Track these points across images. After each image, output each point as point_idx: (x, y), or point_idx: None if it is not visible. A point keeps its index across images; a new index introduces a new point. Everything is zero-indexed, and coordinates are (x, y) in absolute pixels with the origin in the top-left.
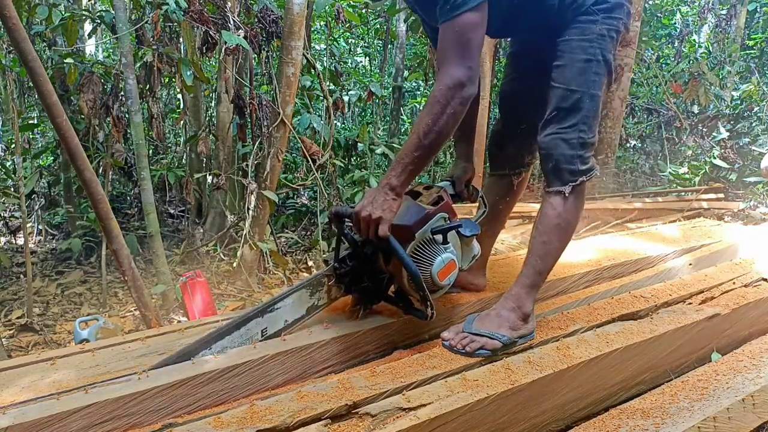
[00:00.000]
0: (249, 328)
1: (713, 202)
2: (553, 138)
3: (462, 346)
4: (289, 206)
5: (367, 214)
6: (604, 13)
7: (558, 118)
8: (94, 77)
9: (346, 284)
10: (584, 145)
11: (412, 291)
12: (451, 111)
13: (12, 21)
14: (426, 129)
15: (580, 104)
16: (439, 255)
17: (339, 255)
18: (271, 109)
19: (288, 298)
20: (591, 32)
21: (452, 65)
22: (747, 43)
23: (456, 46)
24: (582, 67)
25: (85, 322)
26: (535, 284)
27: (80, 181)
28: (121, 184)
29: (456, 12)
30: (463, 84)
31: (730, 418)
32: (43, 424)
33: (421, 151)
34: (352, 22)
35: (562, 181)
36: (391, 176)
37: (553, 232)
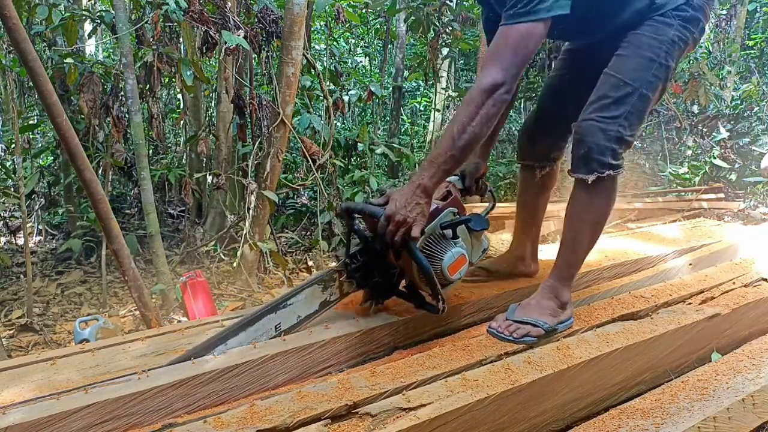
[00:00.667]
0: (263, 324)
1: (713, 202)
2: (591, 124)
3: (509, 333)
4: (289, 206)
5: (401, 218)
6: (681, 21)
7: (602, 105)
8: (94, 77)
9: (358, 279)
10: (620, 141)
11: (423, 285)
12: (485, 112)
13: (12, 21)
14: (461, 129)
15: (628, 99)
16: (449, 250)
17: (350, 250)
18: (271, 109)
19: (301, 293)
20: (664, 34)
21: (496, 68)
22: (747, 43)
23: (508, 51)
24: (644, 63)
25: (85, 322)
26: (569, 275)
27: (80, 181)
28: (121, 184)
29: (520, 19)
30: (499, 86)
31: (730, 418)
32: (43, 424)
33: (454, 151)
34: (352, 22)
35: (588, 169)
36: (423, 177)
37: (582, 226)
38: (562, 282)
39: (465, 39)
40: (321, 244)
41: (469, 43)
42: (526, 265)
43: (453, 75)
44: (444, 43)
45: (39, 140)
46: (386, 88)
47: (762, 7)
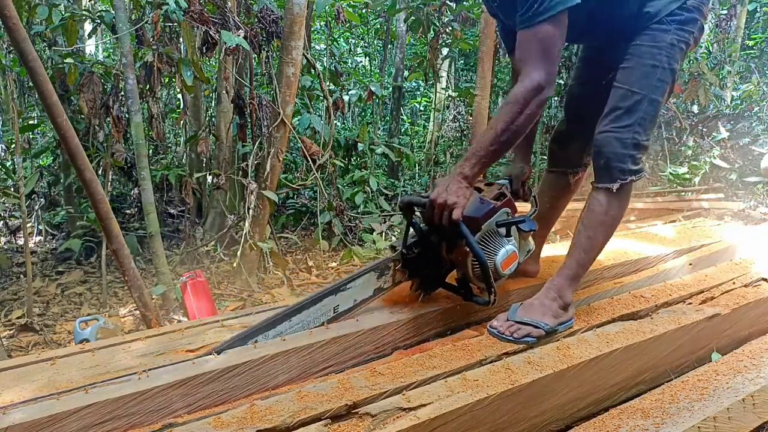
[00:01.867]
0: (324, 304)
1: (713, 202)
2: (607, 135)
3: (510, 333)
4: (289, 206)
5: (443, 201)
6: (677, 24)
7: (615, 116)
8: (94, 77)
9: (411, 270)
10: (637, 146)
11: (475, 279)
12: (529, 112)
13: (12, 21)
14: (504, 127)
15: (638, 106)
16: (503, 246)
17: (407, 242)
18: (271, 109)
19: (359, 279)
20: (662, 40)
21: (534, 69)
22: (747, 43)
23: (537, 50)
24: (647, 71)
25: (85, 322)
26: (576, 276)
27: (80, 181)
28: (121, 184)
29: (536, 20)
30: (543, 87)
31: (730, 418)
32: (43, 424)
33: (496, 146)
34: (352, 22)
35: (611, 178)
36: (465, 166)
37: (599, 228)
38: (569, 282)
39: (465, 39)
40: (321, 244)
41: (469, 43)
42: (528, 265)
43: (453, 75)
44: (444, 43)
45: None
46: (386, 88)
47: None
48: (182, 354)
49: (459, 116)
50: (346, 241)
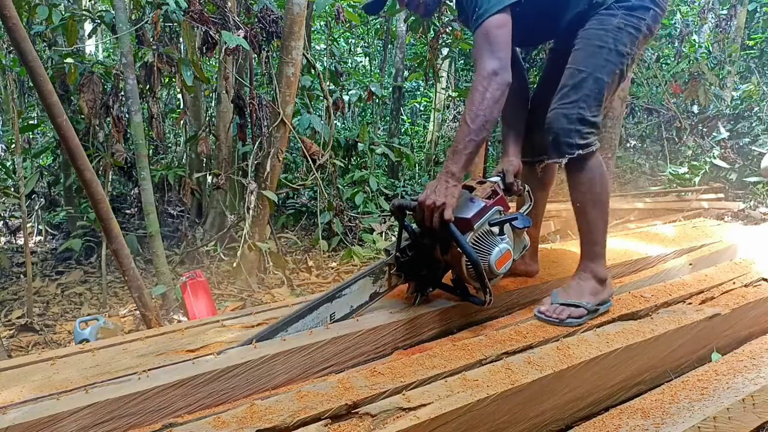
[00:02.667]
0: (320, 313)
1: (713, 202)
2: (555, 112)
3: (555, 315)
4: (289, 206)
5: (432, 202)
6: (624, 10)
7: (562, 94)
8: (94, 77)
9: (406, 273)
10: (582, 121)
11: (470, 279)
12: (490, 95)
13: (12, 21)
14: (472, 114)
15: (584, 83)
16: (496, 245)
17: (400, 245)
18: (271, 109)
19: (354, 284)
20: (609, 23)
21: (484, 59)
22: (747, 43)
23: (485, 44)
24: (593, 51)
25: (85, 322)
26: (597, 253)
27: (80, 181)
28: (121, 184)
29: (481, 20)
30: (496, 72)
31: (730, 418)
32: (43, 424)
33: (472, 135)
34: (352, 22)
35: (559, 152)
36: (449, 164)
37: (588, 209)
38: (594, 261)
39: (465, 39)
40: (321, 244)
41: (469, 43)
42: (526, 265)
43: (453, 75)
44: (444, 43)
45: (39, 140)
46: (386, 88)
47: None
48: (182, 354)
49: (459, 116)
50: (346, 241)
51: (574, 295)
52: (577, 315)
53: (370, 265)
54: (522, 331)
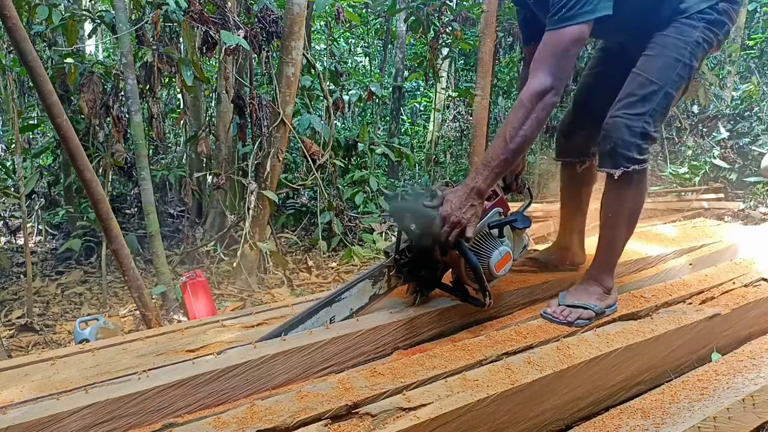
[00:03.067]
0: (320, 317)
1: (713, 202)
2: (617, 121)
3: (564, 317)
4: (289, 206)
5: (457, 220)
6: (705, 23)
7: (629, 103)
8: (94, 77)
9: (405, 274)
10: (645, 136)
11: (469, 281)
12: (536, 116)
13: (12, 21)
14: (512, 133)
15: (654, 96)
16: (496, 248)
17: (399, 247)
18: (271, 109)
19: (353, 287)
20: (689, 36)
21: (544, 73)
22: (747, 43)
23: (552, 55)
24: (669, 63)
25: (85, 322)
26: (609, 263)
27: (80, 181)
28: (121, 184)
29: (563, 24)
30: (548, 91)
31: (730, 418)
32: (43, 424)
33: (507, 154)
34: (352, 22)
35: (614, 164)
36: (478, 180)
37: (619, 223)
38: (604, 270)
39: (465, 39)
40: (321, 244)
41: (469, 43)
42: (573, 256)
43: (453, 75)
44: (444, 43)
45: (39, 140)
46: (386, 88)
47: (762, 7)
48: (182, 354)
49: (459, 116)
50: (346, 241)
51: (582, 297)
52: (586, 317)
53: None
54: (522, 331)
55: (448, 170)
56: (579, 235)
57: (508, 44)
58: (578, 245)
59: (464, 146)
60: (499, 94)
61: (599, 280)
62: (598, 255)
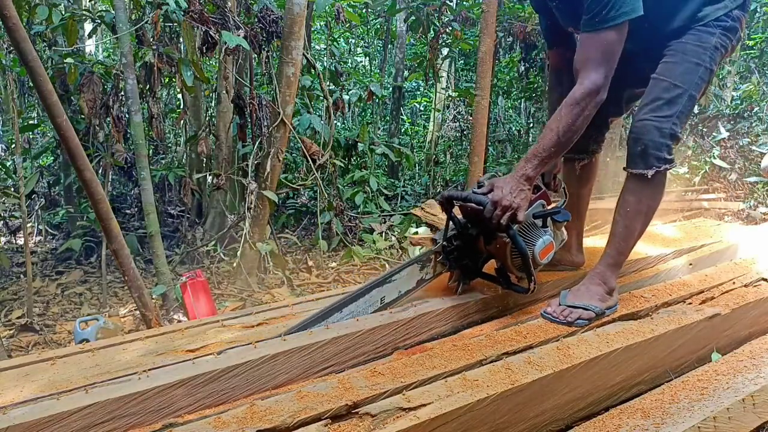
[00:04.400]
0: (372, 296)
1: (713, 202)
2: (646, 124)
3: (563, 317)
4: (289, 206)
5: (508, 203)
6: (721, 30)
7: (656, 106)
8: (94, 77)
9: (450, 261)
10: (673, 137)
11: (514, 268)
12: (587, 113)
13: (12, 21)
14: (566, 128)
15: (679, 99)
16: (540, 237)
17: (447, 235)
18: (271, 109)
19: (403, 271)
20: (707, 42)
21: (594, 71)
22: (747, 43)
23: (599, 55)
24: (691, 68)
25: (85, 322)
26: (617, 263)
27: (80, 181)
28: (121, 184)
29: (604, 25)
30: (599, 89)
31: (730, 418)
32: (43, 424)
33: (557, 147)
34: (352, 22)
35: (646, 164)
36: (527, 168)
37: (635, 217)
38: (610, 269)
39: (465, 39)
40: (321, 244)
41: (469, 43)
42: (572, 256)
43: (453, 75)
44: (444, 43)
45: (39, 140)
46: (386, 88)
47: (762, 7)
48: (182, 354)
49: (459, 116)
50: (346, 241)
51: (583, 298)
52: (586, 317)
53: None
54: (522, 331)
55: (448, 170)
56: (578, 236)
57: (508, 44)
58: (577, 246)
59: (464, 146)
60: (499, 94)
61: (604, 279)
62: (609, 252)
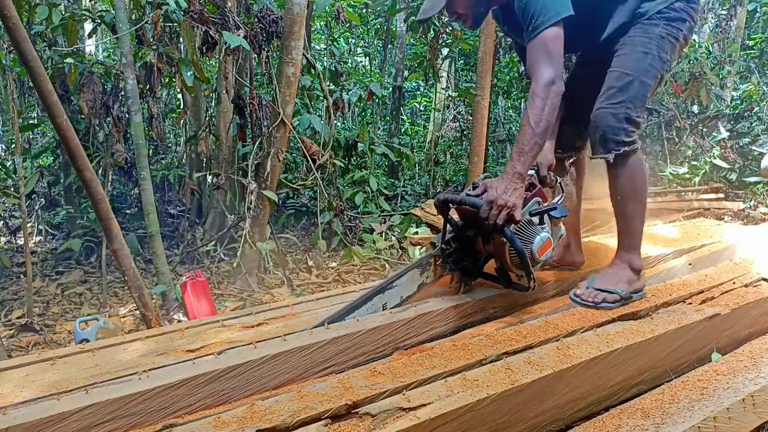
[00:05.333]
0: (374, 303)
1: (713, 202)
2: (602, 111)
3: (591, 299)
4: (289, 206)
5: (503, 203)
6: (665, 20)
7: (610, 94)
8: (94, 77)
9: (450, 264)
10: (629, 120)
11: (513, 267)
12: (550, 102)
13: (12, 21)
14: (536, 119)
15: (631, 86)
16: (538, 234)
17: (445, 237)
18: (271, 109)
19: (403, 276)
20: (652, 32)
21: (542, 68)
22: (747, 43)
23: (542, 54)
24: (639, 56)
25: (85, 322)
26: (633, 244)
27: (80, 181)
28: (121, 184)
29: (537, 31)
30: (554, 80)
31: (730, 418)
32: (43, 424)
33: (536, 138)
34: (352, 22)
35: (606, 149)
36: (516, 165)
37: (627, 202)
38: (630, 251)
39: (465, 39)
40: (321, 244)
41: (469, 43)
42: (572, 255)
43: (453, 75)
44: (444, 43)
45: (39, 140)
46: (386, 88)
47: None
48: (182, 354)
49: (459, 116)
50: (346, 241)
51: (610, 282)
52: (611, 300)
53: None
54: (522, 331)
55: (448, 170)
56: (575, 235)
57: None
58: (576, 245)
59: (464, 146)
60: (499, 94)
61: (627, 260)
62: (621, 239)
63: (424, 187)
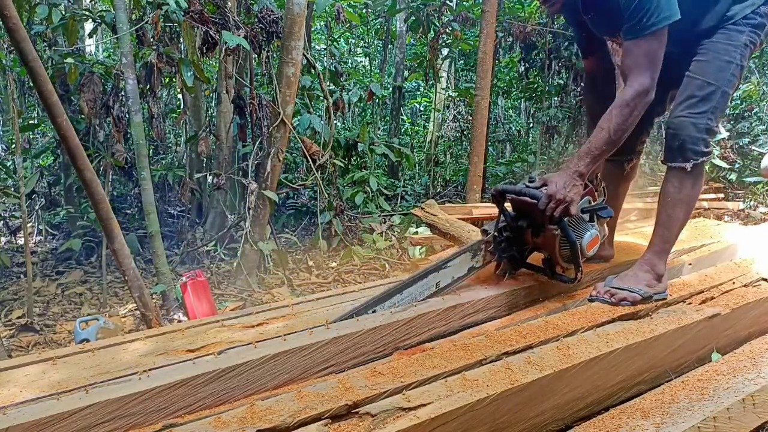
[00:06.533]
0: (428, 280)
1: (713, 202)
2: (683, 120)
3: (609, 297)
4: (289, 206)
5: (562, 197)
6: (750, 27)
7: (691, 103)
8: (95, 77)
9: (499, 252)
10: (709, 131)
11: (561, 259)
12: (637, 113)
13: (12, 21)
14: (617, 127)
15: (713, 96)
16: (588, 230)
17: (498, 226)
18: (271, 109)
19: (456, 258)
20: (737, 40)
21: (641, 75)
22: None
23: (645, 59)
24: (723, 66)
25: (85, 322)
26: (664, 250)
27: (81, 181)
28: (122, 184)
29: (645, 32)
30: (648, 91)
31: (730, 418)
32: (43, 424)
33: (608, 145)
34: (352, 22)
35: (684, 158)
36: (580, 165)
37: (677, 207)
38: (657, 255)
39: (465, 39)
40: (321, 244)
41: (469, 43)
42: (603, 249)
43: (453, 75)
44: (444, 43)
45: (39, 140)
46: (386, 88)
47: None
48: (182, 354)
49: (459, 116)
50: (346, 241)
51: (629, 283)
52: (631, 299)
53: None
54: (522, 331)
55: (447, 170)
56: (611, 231)
57: (508, 44)
58: (608, 240)
59: (464, 146)
60: (498, 94)
61: (652, 264)
62: (654, 241)
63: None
